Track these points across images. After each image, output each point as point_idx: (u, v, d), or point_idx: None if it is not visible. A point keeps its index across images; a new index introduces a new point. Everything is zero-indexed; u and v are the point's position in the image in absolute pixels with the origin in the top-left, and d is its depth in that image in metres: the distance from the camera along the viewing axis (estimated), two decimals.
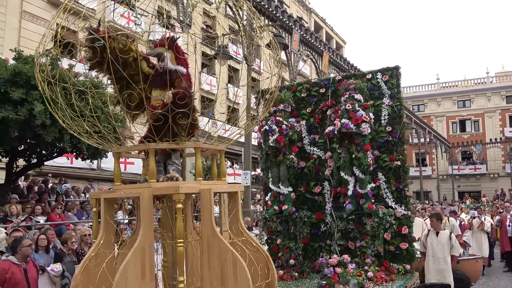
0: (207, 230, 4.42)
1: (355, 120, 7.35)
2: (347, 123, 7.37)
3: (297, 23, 25.89)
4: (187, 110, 4.29)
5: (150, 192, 4.32)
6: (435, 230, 8.80)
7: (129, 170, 27.51)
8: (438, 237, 8.74)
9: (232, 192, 4.83)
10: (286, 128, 7.91)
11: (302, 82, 9.03)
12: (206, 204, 4.42)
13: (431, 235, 8.85)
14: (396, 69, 8.22)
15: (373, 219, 7.51)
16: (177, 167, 4.78)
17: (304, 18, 44.75)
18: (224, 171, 4.97)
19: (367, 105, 7.61)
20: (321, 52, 28.84)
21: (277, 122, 7.91)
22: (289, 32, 24.57)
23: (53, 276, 7.84)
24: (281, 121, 7.94)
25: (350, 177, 7.60)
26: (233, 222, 4.82)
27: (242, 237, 4.75)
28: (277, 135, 7.86)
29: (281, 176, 8.09)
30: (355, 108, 7.46)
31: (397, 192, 7.98)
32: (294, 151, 8.23)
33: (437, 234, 8.77)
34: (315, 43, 28.15)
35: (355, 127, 7.36)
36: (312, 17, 48.28)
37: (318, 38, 29.66)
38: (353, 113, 7.41)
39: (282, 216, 8.08)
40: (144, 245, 4.21)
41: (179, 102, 4.24)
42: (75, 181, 21.14)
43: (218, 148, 4.89)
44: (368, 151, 7.53)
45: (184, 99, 4.28)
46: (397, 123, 8.09)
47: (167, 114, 4.25)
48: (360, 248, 7.58)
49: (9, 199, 12.31)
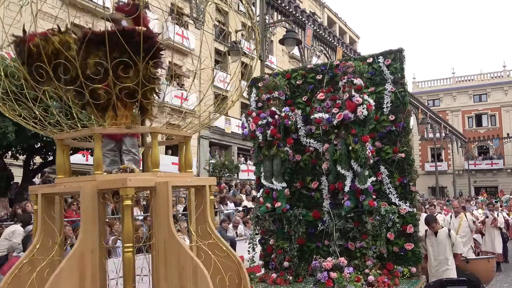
0: (163, 231, 3.70)
1: (349, 106, 6.53)
2: (347, 113, 6.57)
3: (310, 18, 25.17)
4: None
5: (93, 187, 3.60)
6: (433, 230, 8.09)
7: None
8: (437, 237, 8.01)
9: (199, 186, 4.11)
10: (279, 118, 7.10)
11: (297, 68, 8.21)
12: (163, 200, 3.71)
13: (430, 236, 8.13)
14: (400, 51, 7.39)
15: (374, 217, 6.70)
16: (133, 157, 4.06)
17: (317, 13, 43.84)
18: (189, 160, 4.23)
19: (360, 86, 6.72)
20: (335, 47, 27.98)
21: (271, 113, 7.11)
22: (302, 27, 23.88)
23: None
24: (275, 111, 7.13)
25: (347, 172, 6.81)
26: (200, 221, 4.09)
27: (210, 239, 4.02)
28: (272, 127, 7.09)
29: (275, 171, 7.29)
30: (351, 95, 6.63)
31: (401, 187, 7.16)
32: (289, 143, 7.39)
33: (436, 234, 8.04)
34: (329, 38, 27.35)
35: (352, 114, 6.54)
36: (325, 12, 47.37)
37: (331, 33, 28.90)
38: (350, 101, 6.59)
39: (275, 214, 7.32)
40: (84, 249, 3.50)
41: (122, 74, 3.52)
42: None
43: (182, 134, 4.16)
44: (367, 142, 6.70)
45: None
46: (401, 111, 7.26)
47: (110, 90, 3.53)
48: (360, 249, 6.81)
49: (26, 196, 12.45)
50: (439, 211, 15.49)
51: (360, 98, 6.52)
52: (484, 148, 52.55)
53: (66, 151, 4.18)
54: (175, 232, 3.64)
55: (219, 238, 4.02)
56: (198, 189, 4.10)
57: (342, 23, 50.66)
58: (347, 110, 6.53)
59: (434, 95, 54.02)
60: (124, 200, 3.50)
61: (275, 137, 7.10)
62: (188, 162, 4.21)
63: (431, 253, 8.09)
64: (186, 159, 4.21)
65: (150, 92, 3.99)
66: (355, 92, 6.63)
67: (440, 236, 8.07)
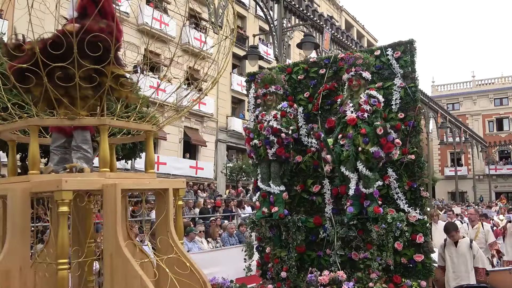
0: (110, 244, 3.01)
1: (388, 148, 5.86)
2: (377, 151, 5.81)
3: (328, 22, 24.55)
4: None
5: (24, 189, 2.94)
6: (452, 239, 7.24)
7: (161, 170, 26.66)
8: (458, 247, 7.15)
9: (160, 190, 3.43)
10: (287, 137, 6.32)
11: (299, 62, 7.47)
12: (110, 206, 3.03)
13: (449, 246, 7.27)
14: (410, 43, 6.60)
15: (380, 225, 5.94)
16: (84, 155, 3.40)
17: (334, 16, 43.02)
18: (151, 159, 3.56)
19: (400, 126, 6.18)
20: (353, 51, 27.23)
21: (274, 131, 6.30)
22: (320, 31, 23.25)
23: None
24: (279, 129, 6.31)
25: (352, 174, 6.06)
26: (161, 232, 3.41)
27: (171, 253, 3.34)
28: (277, 147, 6.32)
29: (272, 173, 6.55)
30: (386, 131, 5.85)
31: (410, 192, 6.36)
32: None
33: (456, 244, 7.18)
34: (346, 42, 26.61)
35: (385, 154, 5.92)
36: (343, 16, 46.51)
37: (349, 36, 28.19)
38: (385, 139, 5.85)
39: (272, 220, 6.60)
40: (11, 266, 2.83)
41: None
42: None
43: (141, 127, 3.48)
44: None
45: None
46: (411, 108, 6.47)
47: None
48: (363, 260, 6.05)
49: None
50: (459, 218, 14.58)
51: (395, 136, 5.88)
52: (505, 152, 51.01)
53: (12, 148, 3.54)
54: (123, 244, 2.95)
55: (183, 252, 3.33)
56: (159, 193, 3.42)
57: (360, 26, 49.73)
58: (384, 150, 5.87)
59: (454, 98, 52.64)
60: (59, 206, 2.83)
61: (282, 158, 6.43)
62: (149, 161, 3.53)
63: (450, 265, 7.24)
64: (147, 158, 3.53)
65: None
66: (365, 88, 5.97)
67: (460, 246, 7.23)
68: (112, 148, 3.98)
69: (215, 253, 10.61)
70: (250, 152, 6.66)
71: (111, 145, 3.99)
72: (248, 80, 7.39)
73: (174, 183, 3.50)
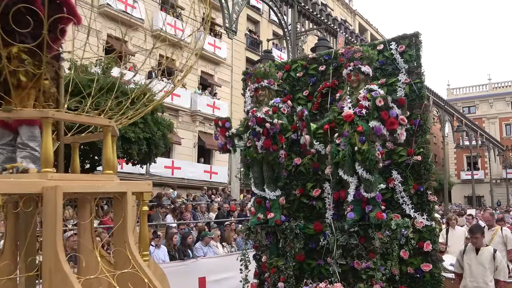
0: (49, 258, 2.54)
1: (391, 124, 5.10)
2: (378, 126, 5.10)
3: (342, 26, 24.07)
4: None
5: None
6: (474, 246, 6.59)
7: (176, 175, 26.34)
8: (479, 255, 6.49)
9: (118, 194, 2.94)
10: (272, 127, 5.66)
11: (297, 59, 6.96)
12: (50, 212, 2.56)
13: (469, 252, 6.61)
14: (416, 36, 6.05)
15: (383, 232, 5.38)
16: (31, 153, 2.93)
17: (348, 20, 42.39)
18: (108, 159, 3.07)
19: (404, 101, 5.35)
20: None
21: (258, 121, 5.69)
22: (334, 35, 22.77)
23: None
24: (263, 119, 5.66)
25: (351, 177, 5.50)
26: (117, 242, 2.92)
27: (127, 267, 2.84)
28: (263, 138, 5.69)
29: (266, 178, 5.99)
30: (387, 104, 5.14)
31: (417, 196, 5.80)
32: (280, 142, 5.90)
33: (477, 251, 6.53)
34: None
35: (388, 132, 5.16)
36: (357, 19, 45.87)
37: (363, 40, 27.65)
38: (386, 113, 5.15)
39: (268, 226, 6.06)
40: None
41: None
42: None
43: (96, 122, 3.01)
44: (377, 142, 5.37)
45: None
46: (416, 106, 5.92)
47: None
48: (366, 270, 5.48)
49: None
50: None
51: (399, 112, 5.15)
52: None
53: None
54: (63, 259, 2.47)
55: (141, 266, 2.83)
56: (116, 198, 2.93)
57: (373, 29, 49.01)
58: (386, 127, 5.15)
59: (470, 102, 51.50)
60: None
61: (271, 150, 5.74)
62: (107, 161, 3.04)
63: (468, 273, 6.55)
64: (104, 157, 3.05)
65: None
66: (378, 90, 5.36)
67: (482, 255, 6.52)
68: (75, 147, 3.52)
69: (230, 257, 10.19)
70: (226, 144, 5.99)
71: (74, 144, 3.54)
72: (244, 79, 6.90)
73: (136, 186, 3.02)
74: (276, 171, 5.93)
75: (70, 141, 3.49)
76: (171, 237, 10.60)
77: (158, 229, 12.45)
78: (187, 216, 15.55)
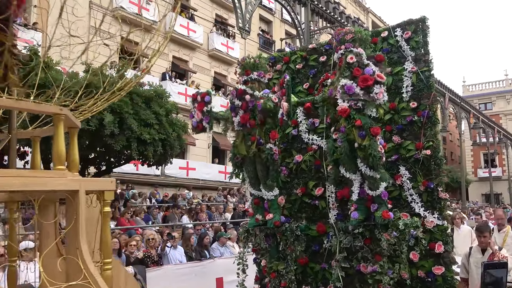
0: None
1: (363, 81, 4.51)
2: (350, 85, 4.56)
3: (355, 23, 23.58)
4: None
5: None
6: (481, 246, 6.02)
7: (191, 175, 26.03)
8: (485, 256, 5.93)
9: (68, 193, 2.52)
10: (252, 99, 5.03)
11: (297, 50, 6.47)
12: None
13: (475, 254, 6.06)
14: (422, 21, 5.55)
15: (390, 232, 4.87)
16: None
17: (361, 18, 41.72)
18: (59, 152, 2.64)
19: (382, 57, 4.74)
20: None
21: (239, 93, 5.12)
22: None
23: None
24: (244, 90, 5.09)
25: (353, 174, 4.99)
26: (69, 249, 2.50)
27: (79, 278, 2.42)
28: (242, 112, 5.08)
29: (260, 178, 5.45)
30: (362, 62, 4.64)
31: (427, 193, 5.29)
32: (273, 137, 5.29)
33: (483, 251, 5.97)
34: None
35: (362, 91, 4.54)
36: (370, 17, 45.23)
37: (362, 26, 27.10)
38: (359, 69, 4.59)
39: (267, 228, 5.58)
40: None
41: None
42: (141, 187, 21.28)
43: (44, 109, 2.59)
44: (378, 136, 4.83)
45: None
46: (424, 96, 5.41)
47: None
48: (372, 275, 4.98)
49: None
50: None
51: (382, 74, 4.54)
52: None
53: None
54: None
55: (94, 278, 2.39)
56: (67, 197, 2.51)
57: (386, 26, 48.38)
58: (355, 83, 4.52)
59: (486, 98, 50.35)
60: None
61: (247, 126, 5.09)
62: (58, 155, 2.61)
63: (475, 277, 5.96)
64: (55, 150, 2.62)
65: None
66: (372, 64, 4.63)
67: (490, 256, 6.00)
68: (35, 141, 3.12)
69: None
70: (201, 121, 5.33)
71: (34, 138, 3.14)
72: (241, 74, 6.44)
73: (92, 183, 2.59)
74: (270, 168, 5.39)
75: (28, 135, 3.08)
76: (188, 238, 10.47)
77: (174, 230, 12.43)
78: (203, 217, 15.51)
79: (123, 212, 13.14)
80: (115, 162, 13.83)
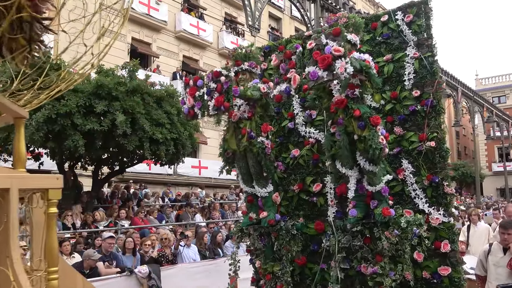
0: None
1: (322, 61, 4.10)
2: (313, 70, 4.13)
3: (352, 10, 23.10)
4: None
5: None
6: (503, 245, 5.49)
7: (203, 174, 25.72)
8: (507, 256, 5.41)
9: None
10: (227, 81, 4.61)
11: (293, 38, 6.04)
12: None
13: (495, 252, 5.53)
14: (425, 3, 5.10)
15: (392, 231, 4.44)
16: None
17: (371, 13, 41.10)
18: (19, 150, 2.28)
19: (338, 29, 4.23)
20: None
21: (215, 75, 4.68)
22: None
23: (140, 278, 7.79)
24: (220, 72, 4.67)
25: (350, 170, 4.56)
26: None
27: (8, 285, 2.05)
28: (217, 95, 4.63)
29: (253, 174, 5.08)
30: (320, 43, 4.21)
31: (431, 188, 4.84)
32: (265, 130, 4.96)
33: (505, 251, 5.45)
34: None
35: (326, 72, 4.09)
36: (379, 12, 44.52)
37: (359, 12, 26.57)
38: (318, 52, 4.17)
39: (261, 227, 5.18)
40: None
41: None
42: (154, 186, 21.29)
43: None
44: (379, 126, 4.40)
45: None
46: (428, 83, 4.96)
47: None
48: (372, 276, 4.55)
49: (96, 205, 13.34)
50: None
51: (339, 48, 4.13)
52: None
53: None
54: None
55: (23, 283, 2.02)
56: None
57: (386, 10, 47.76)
58: (320, 66, 4.13)
59: (500, 91, 49.30)
60: None
61: (222, 109, 4.63)
62: (18, 155, 2.26)
63: (493, 276, 5.43)
64: (15, 149, 2.26)
65: None
66: (330, 40, 4.19)
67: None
68: None
69: None
70: (193, 107, 4.89)
71: None
72: None
73: (28, 181, 2.22)
74: (263, 163, 4.97)
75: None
76: (201, 236, 10.36)
77: (188, 228, 12.41)
78: (216, 215, 15.43)
79: (137, 211, 13.21)
80: (128, 162, 13.90)
